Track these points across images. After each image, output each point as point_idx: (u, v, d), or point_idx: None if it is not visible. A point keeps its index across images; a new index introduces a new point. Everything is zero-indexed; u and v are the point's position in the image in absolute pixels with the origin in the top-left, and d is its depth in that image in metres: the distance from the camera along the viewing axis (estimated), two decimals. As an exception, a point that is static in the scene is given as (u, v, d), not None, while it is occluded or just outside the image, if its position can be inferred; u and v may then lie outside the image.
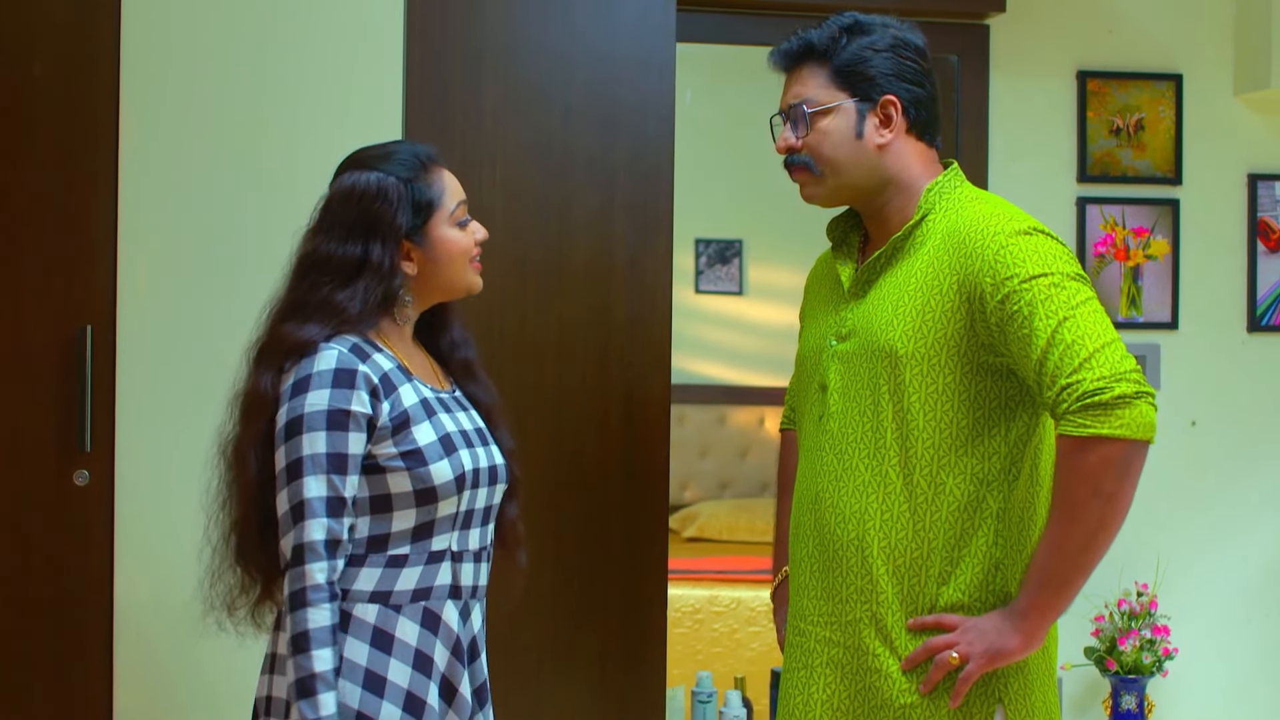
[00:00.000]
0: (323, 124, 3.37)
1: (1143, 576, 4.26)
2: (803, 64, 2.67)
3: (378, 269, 2.46)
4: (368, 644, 2.37)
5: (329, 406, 2.34)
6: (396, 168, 2.50)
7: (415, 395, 2.45)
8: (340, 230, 2.48)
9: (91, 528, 3.31)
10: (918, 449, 2.51)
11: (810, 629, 2.65)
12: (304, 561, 2.32)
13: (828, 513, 2.60)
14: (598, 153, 3.50)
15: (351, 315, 2.43)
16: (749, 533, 6.63)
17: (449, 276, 2.55)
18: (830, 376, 2.63)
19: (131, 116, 3.32)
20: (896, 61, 2.61)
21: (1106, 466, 2.32)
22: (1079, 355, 2.33)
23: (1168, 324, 4.35)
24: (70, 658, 3.32)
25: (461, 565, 2.49)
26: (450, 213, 2.53)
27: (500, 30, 3.48)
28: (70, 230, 3.32)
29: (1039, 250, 2.43)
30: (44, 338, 3.30)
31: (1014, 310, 2.40)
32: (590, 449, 3.50)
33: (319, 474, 2.33)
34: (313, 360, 2.38)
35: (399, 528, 2.41)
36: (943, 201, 2.60)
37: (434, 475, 2.40)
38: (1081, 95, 4.30)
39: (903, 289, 2.55)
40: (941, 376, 2.50)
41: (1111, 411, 2.30)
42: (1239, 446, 4.41)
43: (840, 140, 2.61)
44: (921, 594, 2.52)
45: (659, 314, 3.52)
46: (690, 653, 5.31)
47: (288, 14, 3.38)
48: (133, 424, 3.31)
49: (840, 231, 2.78)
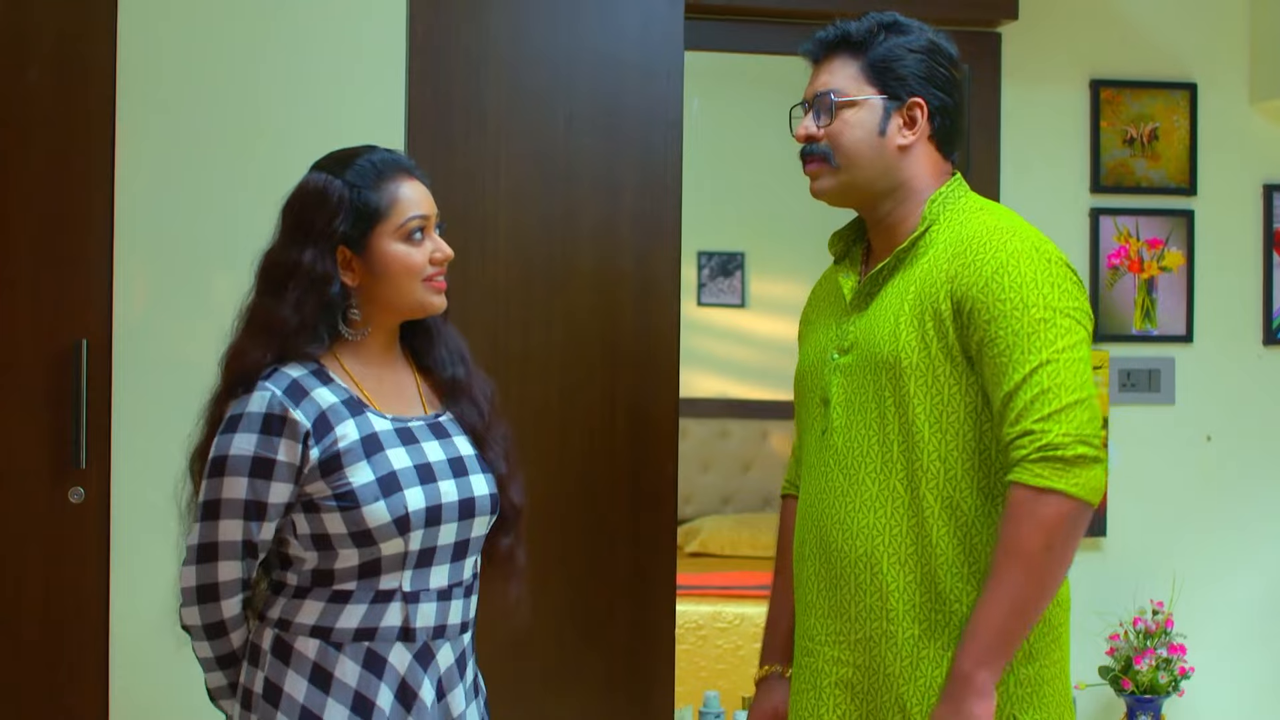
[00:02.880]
0: (323, 134, 3.28)
1: (1158, 594, 4.22)
2: (835, 54, 2.64)
3: (309, 274, 2.37)
4: (306, 680, 2.34)
5: (254, 453, 2.32)
6: (349, 172, 2.42)
7: (359, 431, 2.36)
8: (284, 234, 2.44)
9: (86, 546, 3.27)
10: (924, 462, 2.47)
11: (818, 649, 2.61)
12: (217, 598, 2.38)
13: (834, 529, 2.56)
14: (604, 162, 3.46)
15: (291, 328, 2.37)
16: (752, 547, 6.61)
17: (395, 293, 2.43)
18: (832, 390, 2.60)
19: (128, 125, 3.27)
20: (930, 65, 2.59)
21: (1060, 522, 2.32)
22: (1051, 404, 2.33)
23: (1182, 337, 4.32)
24: (65, 677, 3.28)
25: (418, 606, 2.38)
26: (398, 225, 2.41)
27: (503, 38, 3.44)
28: (65, 241, 3.27)
29: (1038, 277, 2.41)
30: (38, 351, 3.25)
31: (998, 335, 2.39)
32: (596, 464, 3.45)
33: (234, 519, 2.34)
34: (247, 400, 2.34)
35: (343, 565, 2.35)
36: (947, 211, 2.57)
37: (368, 518, 2.31)
38: (1095, 104, 4.27)
39: (903, 299, 2.52)
40: (946, 388, 2.47)
41: (1070, 469, 2.32)
42: (1255, 461, 4.38)
43: (863, 135, 2.58)
44: (934, 609, 2.48)
45: (666, 327, 3.48)
46: (694, 669, 5.28)
47: (288, 22, 3.34)
48: (129, 440, 3.27)
49: (843, 245, 2.76)
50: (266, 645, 2.38)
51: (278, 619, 2.38)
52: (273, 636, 2.37)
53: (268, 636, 2.38)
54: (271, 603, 2.41)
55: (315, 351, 2.40)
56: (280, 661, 2.36)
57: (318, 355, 2.41)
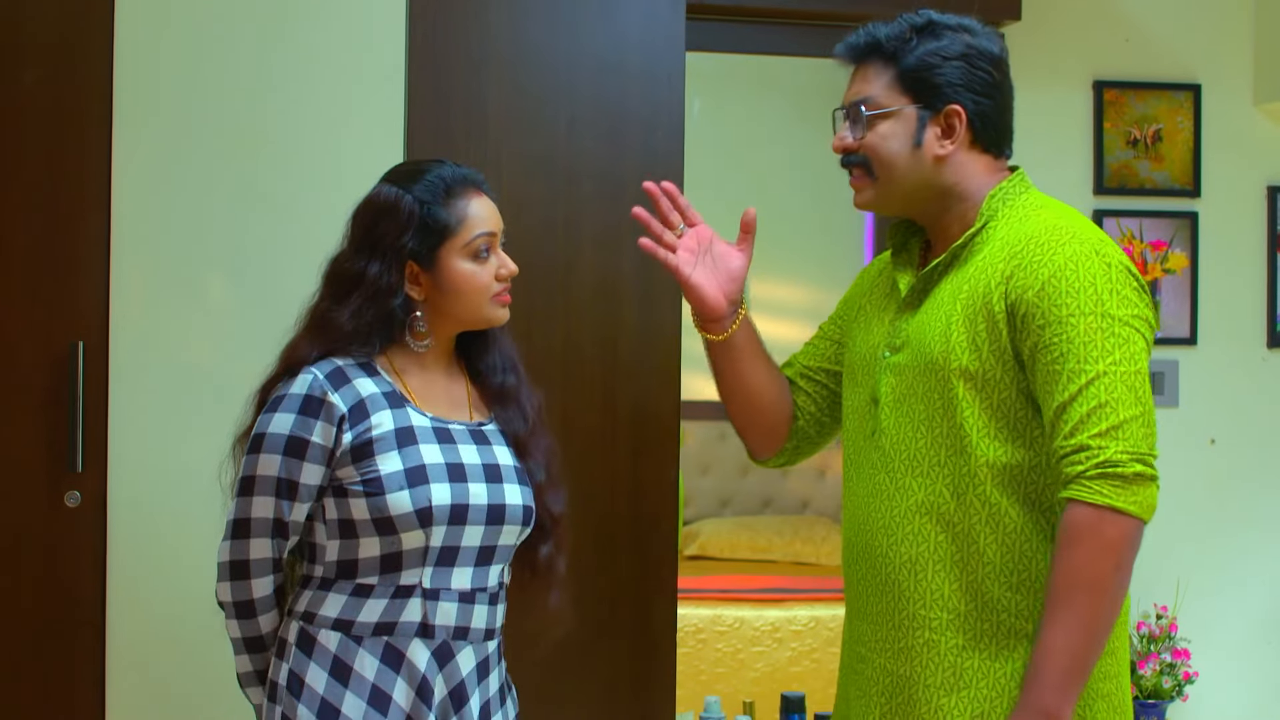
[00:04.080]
0: (322, 136, 3.31)
1: (1162, 599, 4.20)
2: (868, 61, 2.56)
3: (374, 287, 2.45)
4: (326, 672, 2.40)
5: (289, 433, 2.40)
6: (419, 187, 2.48)
7: (395, 422, 2.43)
8: (352, 243, 2.50)
9: (83, 550, 3.24)
10: (971, 467, 2.40)
11: (871, 655, 2.55)
12: (248, 576, 2.44)
13: (879, 534, 2.50)
14: (605, 165, 3.43)
15: (343, 333, 2.45)
16: (750, 550, 6.59)
17: (461, 308, 2.52)
18: (882, 390, 2.54)
19: (125, 126, 3.25)
20: (967, 71, 2.49)
21: (1124, 543, 2.26)
22: (1108, 419, 2.26)
23: (1186, 340, 4.29)
24: (62, 682, 3.25)
25: (438, 604, 2.44)
26: (466, 243, 2.49)
27: (503, 40, 3.41)
28: (61, 243, 3.24)
29: (1096, 282, 2.33)
30: (34, 354, 3.22)
31: (1052, 341, 2.31)
32: (597, 469, 3.43)
33: (267, 495, 2.41)
34: (291, 382, 2.43)
35: (365, 555, 2.41)
36: (1006, 208, 2.49)
37: (390, 505, 2.38)
38: (1098, 105, 4.25)
39: (955, 299, 2.45)
40: (996, 392, 2.40)
41: (1129, 487, 2.25)
42: (1259, 465, 4.36)
43: (898, 147, 2.51)
44: (980, 619, 2.42)
45: (668, 331, 3.46)
46: (694, 673, 5.26)
47: (287, 23, 3.31)
48: (126, 443, 3.24)
49: (901, 237, 2.67)
50: (291, 638, 2.44)
51: (303, 612, 2.44)
52: (297, 629, 2.44)
53: (293, 629, 2.44)
54: (298, 596, 2.47)
55: (365, 354, 2.48)
56: (303, 654, 2.42)
57: (370, 357, 2.48)
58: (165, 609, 3.22)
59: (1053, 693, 2.28)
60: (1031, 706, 2.30)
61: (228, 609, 2.48)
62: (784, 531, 6.65)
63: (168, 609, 3.22)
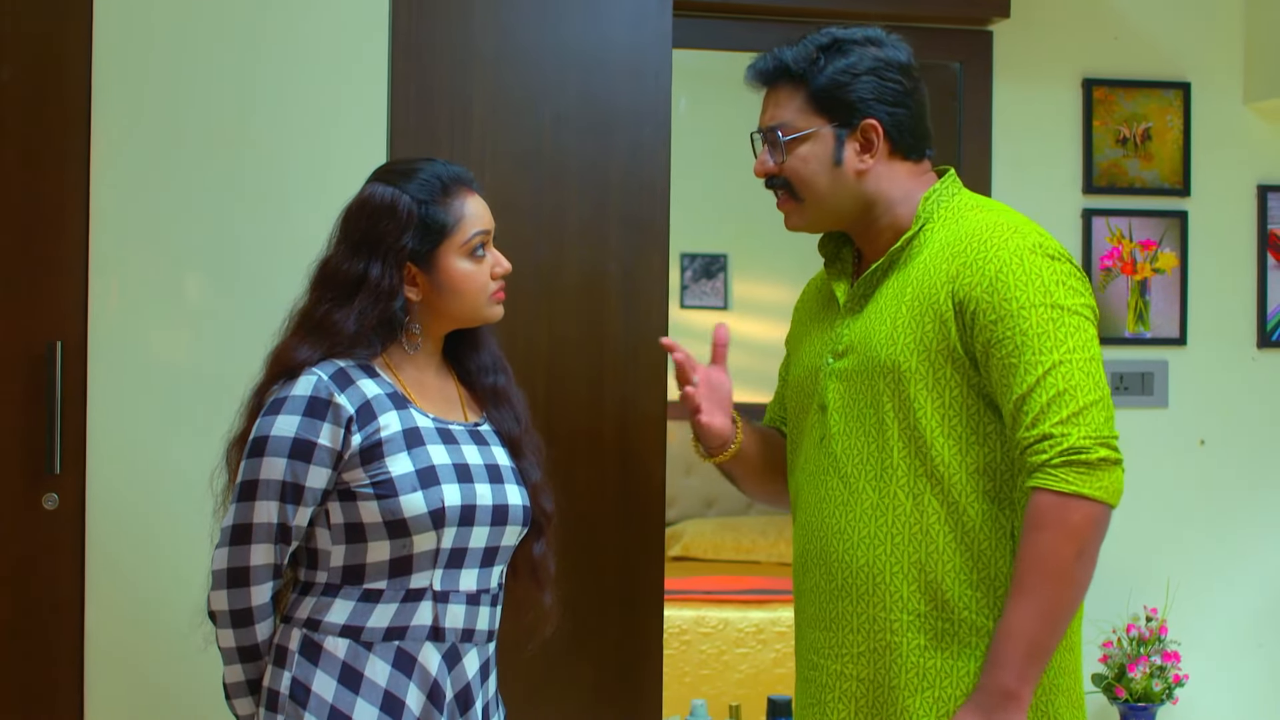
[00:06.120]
0: (303, 134, 3.28)
1: (1152, 601, 4.18)
2: (779, 85, 2.59)
3: (375, 289, 2.43)
4: (335, 680, 2.37)
5: (295, 435, 2.36)
6: (415, 187, 2.46)
7: (402, 423, 2.41)
8: (348, 244, 2.46)
9: (61, 554, 3.20)
10: (926, 467, 2.42)
11: (823, 662, 2.56)
12: (248, 583, 2.39)
13: (834, 539, 2.52)
14: (590, 162, 3.41)
15: (346, 336, 2.42)
16: (735, 551, 6.61)
17: (459, 307, 2.51)
18: (829, 396, 2.55)
19: (104, 122, 3.22)
20: (878, 84, 2.52)
21: (1089, 528, 2.29)
22: (1068, 407, 2.29)
23: (1175, 340, 4.27)
24: (41, 687, 3.22)
25: (447, 606, 2.43)
26: (464, 242, 2.48)
27: (488, 36, 3.38)
28: (39, 242, 3.21)
29: (1043, 274, 2.36)
30: (10, 354, 3.19)
31: (1005, 335, 2.34)
32: (583, 470, 3.40)
33: (271, 500, 2.37)
34: (293, 384, 2.39)
35: (374, 559, 2.39)
36: (941, 210, 2.52)
37: (404, 507, 2.36)
38: (1087, 104, 4.23)
39: (899, 301, 2.47)
40: (948, 391, 2.42)
41: (1094, 472, 2.28)
42: (1249, 466, 4.34)
43: (819, 168, 2.54)
44: (940, 618, 2.43)
45: (654, 330, 3.42)
46: (678, 675, 5.25)
47: (268, 21, 3.28)
48: (104, 445, 3.21)
49: (833, 248, 2.70)
50: (294, 646, 2.40)
51: (306, 619, 2.41)
52: (300, 637, 2.40)
53: (295, 637, 2.41)
54: (298, 603, 2.44)
55: (365, 356, 2.45)
56: (309, 661, 2.38)
57: (370, 358, 2.46)
58: (145, 613, 3.18)
59: (1013, 675, 2.31)
60: (991, 688, 2.33)
61: (221, 618, 2.43)
62: (768, 532, 6.65)
63: (147, 613, 3.18)
